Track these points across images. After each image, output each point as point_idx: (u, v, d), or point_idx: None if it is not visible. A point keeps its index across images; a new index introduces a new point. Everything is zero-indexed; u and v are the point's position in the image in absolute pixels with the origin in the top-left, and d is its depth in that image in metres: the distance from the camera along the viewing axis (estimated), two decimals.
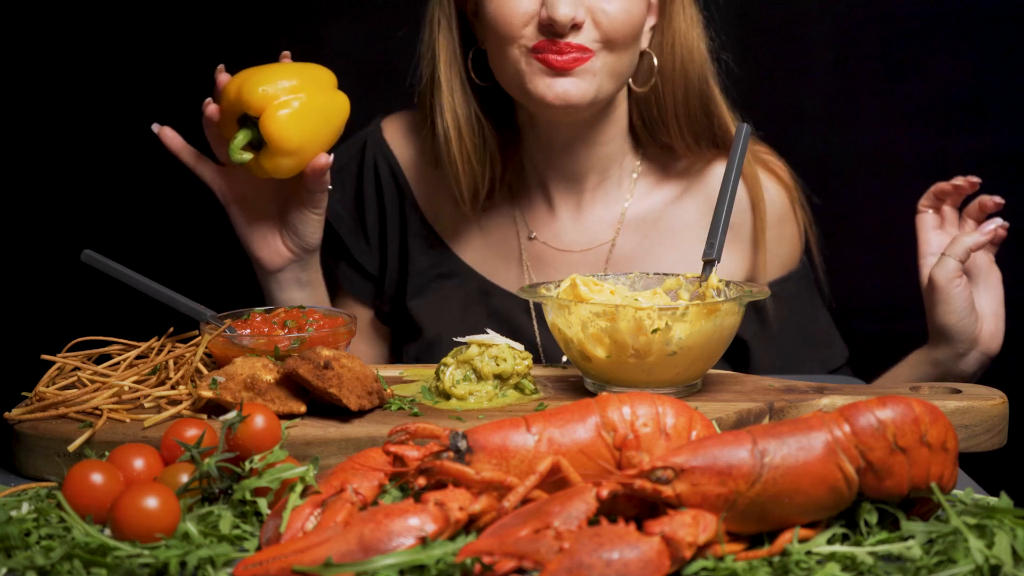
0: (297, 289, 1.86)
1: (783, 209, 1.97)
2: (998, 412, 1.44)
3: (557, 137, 1.91)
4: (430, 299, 1.97)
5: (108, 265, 1.55)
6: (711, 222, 1.56)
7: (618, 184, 1.96)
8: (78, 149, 2.67)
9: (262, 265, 1.83)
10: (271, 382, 1.40)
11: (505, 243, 1.97)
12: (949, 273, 1.72)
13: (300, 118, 1.69)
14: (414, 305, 1.97)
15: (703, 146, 1.92)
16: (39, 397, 1.43)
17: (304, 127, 1.70)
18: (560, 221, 1.96)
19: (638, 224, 1.95)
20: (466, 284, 1.97)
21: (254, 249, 1.82)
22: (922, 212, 1.85)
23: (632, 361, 1.43)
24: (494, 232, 1.98)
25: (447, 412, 1.43)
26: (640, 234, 1.95)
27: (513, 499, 1.09)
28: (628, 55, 1.82)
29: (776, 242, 1.96)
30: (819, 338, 2.01)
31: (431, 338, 1.95)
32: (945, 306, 1.74)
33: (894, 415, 1.10)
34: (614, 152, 1.94)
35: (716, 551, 1.06)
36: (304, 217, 1.79)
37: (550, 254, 1.95)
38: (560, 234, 1.96)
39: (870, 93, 2.64)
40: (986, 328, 1.77)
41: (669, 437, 1.15)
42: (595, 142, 1.91)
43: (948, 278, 1.73)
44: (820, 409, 1.44)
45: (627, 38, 1.79)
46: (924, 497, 1.13)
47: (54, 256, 2.58)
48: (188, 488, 1.17)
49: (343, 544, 1.03)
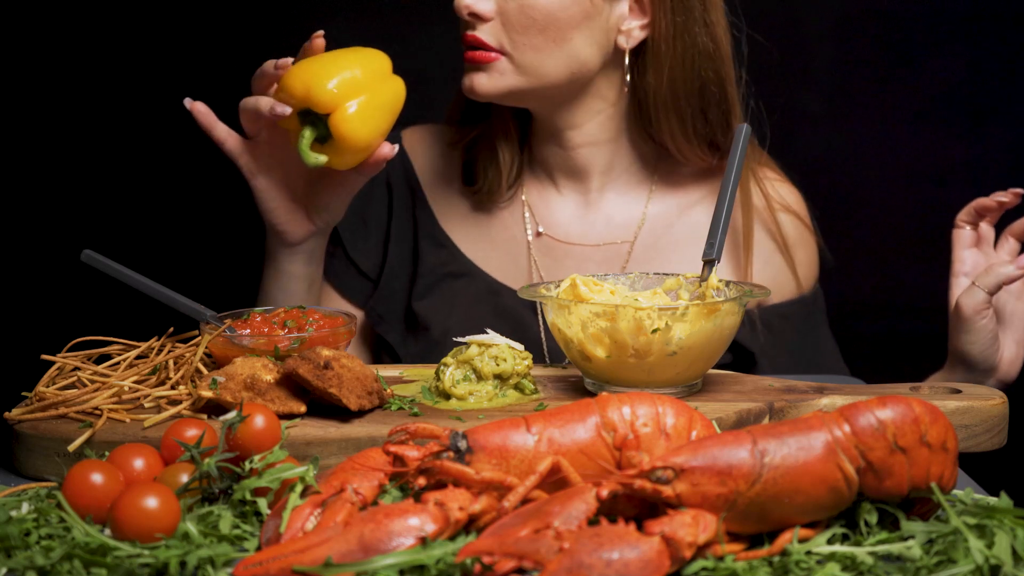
0: (306, 264, 1.82)
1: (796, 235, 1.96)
2: (998, 412, 1.43)
3: (544, 129, 1.93)
4: (438, 298, 1.97)
5: (108, 265, 1.55)
6: (711, 222, 1.56)
7: (632, 185, 1.96)
8: (78, 149, 2.67)
9: (284, 238, 1.78)
10: (271, 382, 1.40)
11: (513, 241, 1.98)
12: (978, 305, 1.68)
13: (369, 113, 1.65)
14: (421, 305, 1.97)
15: (698, 151, 1.90)
16: (39, 397, 1.43)
17: (372, 122, 1.66)
18: (568, 215, 1.97)
19: (653, 227, 1.95)
20: (474, 283, 1.97)
21: (279, 223, 1.77)
22: (959, 228, 1.79)
23: (632, 361, 1.43)
24: (502, 230, 1.98)
25: (447, 412, 1.43)
26: (655, 237, 1.95)
27: (513, 499, 1.09)
28: (547, 55, 1.79)
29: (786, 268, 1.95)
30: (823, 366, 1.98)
31: (437, 336, 1.94)
32: (968, 336, 1.70)
33: (894, 415, 1.10)
34: (615, 149, 1.93)
35: (716, 551, 1.06)
36: (337, 195, 1.76)
37: (559, 248, 1.96)
38: (568, 228, 1.96)
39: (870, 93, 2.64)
40: (1006, 356, 1.74)
41: (669, 437, 1.15)
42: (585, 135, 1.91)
43: (976, 309, 1.68)
44: (820, 409, 1.44)
45: (538, 37, 1.77)
46: (924, 497, 1.13)
47: (54, 256, 2.59)
48: (188, 488, 1.17)
49: (343, 544, 1.03)
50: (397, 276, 2.02)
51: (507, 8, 1.77)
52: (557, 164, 1.96)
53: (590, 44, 1.82)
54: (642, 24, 1.84)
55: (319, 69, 1.65)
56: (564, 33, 1.78)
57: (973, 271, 1.76)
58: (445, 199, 2.01)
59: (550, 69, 1.81)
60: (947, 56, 2.59)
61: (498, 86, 1.81)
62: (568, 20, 1.78)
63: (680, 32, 1.82)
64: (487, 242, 1.99)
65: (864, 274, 2.63)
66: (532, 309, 1.95)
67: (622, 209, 1.96)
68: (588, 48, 1.82)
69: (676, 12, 1.82)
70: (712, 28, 1.84)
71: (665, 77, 1.84)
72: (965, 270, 1.77)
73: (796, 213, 1.97)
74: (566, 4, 1.77)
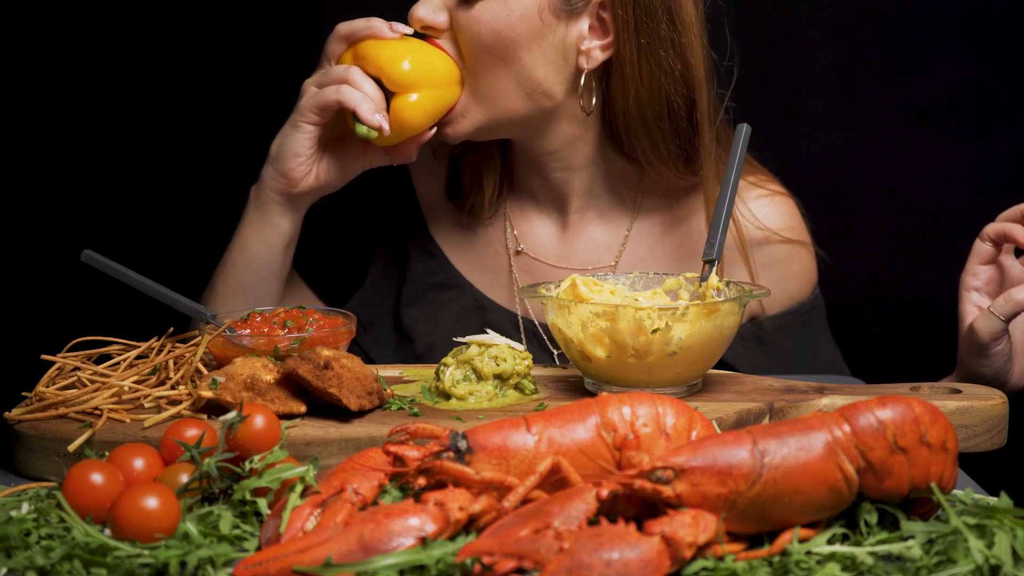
0: (292, 219, 1.80)
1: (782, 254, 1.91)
2: (998, 412, 1.44)
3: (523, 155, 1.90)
4: (425, 309, 1.95)
5: (108, 265, 1.55)
6: (711, 222, 1.56)
7: (614, 205, 1.92)
8: (78, 149, 2.67)
9: (293, 186, 1.76)
10: (271, 382, 1.40)
11: (496, 256, 1.96)
12: (995, 332, 1.64)
13: (428, 107, 1.71)
14: (407, 314, 1.95)
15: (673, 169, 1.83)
16: (39, 397, 1.43)
17: (427, 116, 1.72)
18: (548, 237, 1.94)
19: (635, 247, 1.92)
20: (462, 296, 1.95)
21: (292, 165, 1.74)
22: (982, 240, 1.71)
23: (632, 361, 1.43)
24: (486, 245, 1.96)
25: (447, 412, 1.43)
26: (637, 257, 1.91)
27: (513, 499, 1.09)
28: (499, 77, 1.73)
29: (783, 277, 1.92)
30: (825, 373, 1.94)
31: (422, 350, 1.92)
32: (984, 360, 1.67)
33: (894, 415, 1.10)
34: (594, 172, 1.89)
35: (716, 551, 1.06)
36: (355, 166, 1.77)
37: (540, 268, 1.93)
38: (549, 249, 1.94)
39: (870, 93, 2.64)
40: (1018, 368, 1.71)
41: (669, 437, 1.15)
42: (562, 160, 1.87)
43: (993, 336, 1.64)
44: (820, 409, 1.44)
45: (486, 56, 1.72)
46: (924, 497, 1.13)
47: (54, 256, 2.58)
48: (188, 488, 1.17)
49: (343, 544, 1.03)
50: (383, 280, 1.99)
51: (458, 24, 1.72)
52: (537, 188, 1.92)
53: (544, 65, 1.74)
54: (603, 44, 1.76)
55: (404, 50, 1.71)
56: (512, 53, 1.71)
57: (985, 286, 1.71)
58: (436, 208, 1.99)
59: (505, 93, 1.74)
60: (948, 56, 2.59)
61: (463, 126, 1.77)
62: (516, 39, 1.71)
63: (645, 54, 1.74)
64: (472, 256, 1.96)
65: (864, 275, 2.62)
66: (516, 327, 1.94)
67: (603, 231, 1.92)
68: (542, 68, 1.74)
69: (641, 34, 1.73)
70: (682, 49, 1.76)
71: (632, 99, 1.77)
72: (976, 284, 1.72)
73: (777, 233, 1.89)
74: (512, 22, 1.70)
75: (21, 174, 2.68)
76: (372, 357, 1.95)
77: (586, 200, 1.92)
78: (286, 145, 1.75)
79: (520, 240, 1.94)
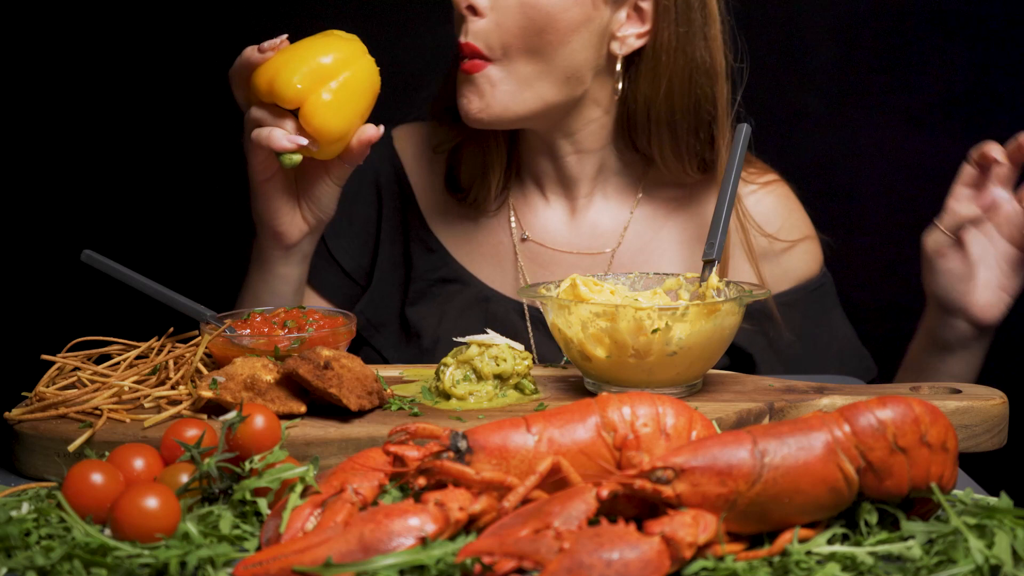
0: (299, 264, 1.79)
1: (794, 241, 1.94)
2: (998, 412, 1.43)
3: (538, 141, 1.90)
4: (430, 304, 1.95)
5: (108, 265, 1.55)
6: (711, 222, 1.56)
7: (620, 191, 1.94)
8: (78, 149, 2.67)
9: (282, 240, 1.75)
10: (271, 382, 1.40)
11: (500, 246, 1.96)
12: (937, 244, 1.72)
13: (341, 102, 1.62)
14: (413, 311, 1.95)
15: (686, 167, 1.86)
16: (39, 397, 1.43)
17: (346, 110, 1.63)
18: (555, 223, 1.95)
19: (639, 233, 1.93)
20: (466, 289, 1.95)
21: (279, 224, 1.73)
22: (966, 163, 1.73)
23: (632, 361, 1.43)
24: (489, 235, 1.96)
25: (447, 412, 1.43)
26: (641, 243, 1.93)
27: (513, 499, 1.09)
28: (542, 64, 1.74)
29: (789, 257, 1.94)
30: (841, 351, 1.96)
31: (427, 345, 1.92)
32: (932, 275, 1.74)
33: (894, 415, 1.10)
34: (604, 156, 1.91)
35: (716, 551, 1.06)
36: (327, 188, 1.72)
37: (546, 254, 1.94)
38: (555, 235, 1.95)
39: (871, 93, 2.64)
40: (980, 300, 1.71)
41: (669, 437, 1.15)
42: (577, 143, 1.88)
43: (935, 249, 1.72)
44: (820, 409, 1.44)
45: (535, 39, 1.72)
46: (924, 497, 1.13)
47: (54, 256, 2.59)
48: (188, 488, 1.17)
49: (343, 544, 1.03)
50: (389, 280, 1.99)
51: (507, 6, 1.72)
52: (547, 174, 1.93)
53: (584, 49, 1.76)
54: (639, 32, 1.79)
55: (282, 64, 1.61)
56: (563, 36, 1.73)
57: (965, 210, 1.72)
58: (435, 202, 1.99)
59: (545, 77, 1.76)
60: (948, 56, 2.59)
61: (494, 112, 1.76)
62: (568, 23, 1.73)
63: (682, 44, 1.77)
64: (475, 247, 1.97)
65: (864, 275, 2.62)
66: (522, 315, 1.94)
67: (608, 216, 1.94)
68: (583, 52, 1.76)
69: (680, 23, 1.77)
70: (711, 43, 1.79)
71: (663, 89, 1.79)
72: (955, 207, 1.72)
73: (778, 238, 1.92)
74: (567, 5, 1.72)
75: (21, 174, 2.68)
76: (387, 358, 1.95)
77: (594, 184, 1.93)
78: (260, 210, 1.73)
79: (526, 227, 1.95)
